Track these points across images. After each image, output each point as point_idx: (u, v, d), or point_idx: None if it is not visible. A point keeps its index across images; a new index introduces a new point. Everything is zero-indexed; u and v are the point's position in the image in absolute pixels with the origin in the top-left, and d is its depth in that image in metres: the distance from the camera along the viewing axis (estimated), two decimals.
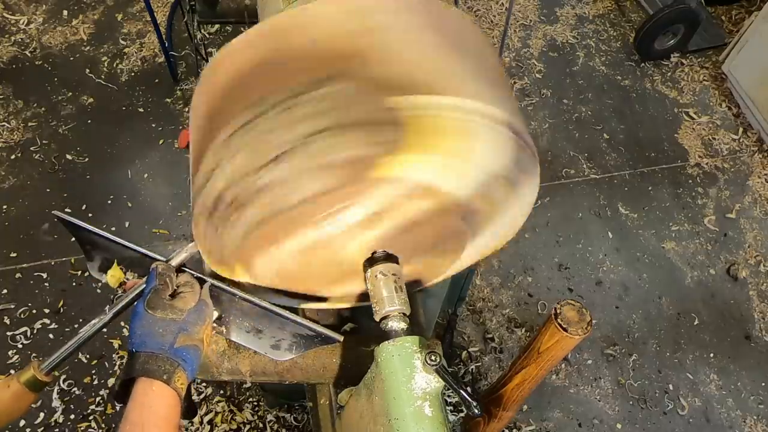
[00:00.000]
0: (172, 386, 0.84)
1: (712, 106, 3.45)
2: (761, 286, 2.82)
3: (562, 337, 1.16)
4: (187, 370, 0.88)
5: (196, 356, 0.90)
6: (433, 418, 0.88)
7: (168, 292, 0.92)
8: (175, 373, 0.85)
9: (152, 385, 0.83)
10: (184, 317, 0.89)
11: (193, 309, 0.91)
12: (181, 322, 0.89)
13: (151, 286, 0.92)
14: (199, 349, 0.91)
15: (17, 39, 3.40)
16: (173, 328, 0.88)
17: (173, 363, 0.86)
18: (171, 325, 0.88)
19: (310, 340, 1.05)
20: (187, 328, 0.89)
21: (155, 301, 0.89)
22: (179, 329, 0.88)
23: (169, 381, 0.84)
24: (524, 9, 3.79)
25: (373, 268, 0.99)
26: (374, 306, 0.99)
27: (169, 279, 0.93)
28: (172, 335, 0.87)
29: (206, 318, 0.94)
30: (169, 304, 0.90)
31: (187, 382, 0.88)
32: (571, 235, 2.90)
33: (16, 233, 2.70)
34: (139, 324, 0.88)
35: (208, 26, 3.44)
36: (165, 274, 0.94)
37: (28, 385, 0.95)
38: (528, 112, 3.32)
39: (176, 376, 0.85)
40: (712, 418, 2.48)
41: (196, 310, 0.92)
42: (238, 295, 1.00)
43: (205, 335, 0.93)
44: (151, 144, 3.03)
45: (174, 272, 0.96)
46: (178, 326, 0.88)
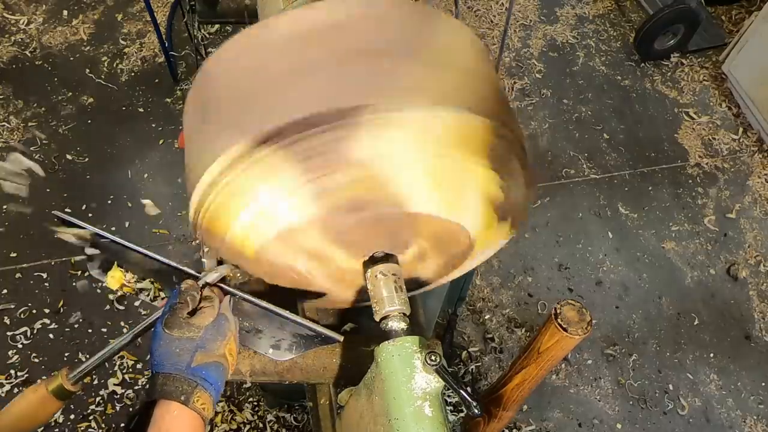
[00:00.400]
0: (191, 407, 0.82)
1: (712, 106, 3.45)
2: (761, 286, 2.82)
3: (562, 337, 1.16)
4: (209, 389, 0.85)
5: (218, 373, 0.88)
6: (433, 418, 0.88)
7: (187, 310, 0.90)
8: (193, 393, 0.83)
9: (170, 407, 0.82)
10: (201, 334, 0.87)
11: (211, 325, 0.89)
12: (198, 339, 0.87)
13: (171, 304, 0.90)
14: (222, 365, 0.89)
15: (17, 39, 3.40)
16: (190, 346, 0.86)
17: (191, 383, 0.84)
18: (187, 344, 0.86)
19: (310, 340, 1.05)
20: (204, 345, 0.87)
21: (172, 320, 0.87)
22: (196, 347, 0.86)
23: (187, 402, 0.82)
24: (524, 9, 3.79)
25: (373, 268, 1.00)
26: (374, 306, 0.99)
27: (191, 297, 0.91)
28: (189, 354, 0.85)
29: (227, 333, 0.91)
30: (186, 322, 0.87)
31: (211, 401, 0.86)
32: (571, 235, 2.90)
33: (16, 233, 2.70)
34: (156, 344, 0.87)
35: (208, 26, 3.44)
36: (187, 293, 0.91)
37: (55, 393, 0.96)
38: (528, 112, 3.32)
39: (195, 397, 0.83)
40: (712, 418, 2.48)
41: (214, 325, 0.89)
42: (238, 295, 1.00)
43: (227, 350, 0.90)
44: (151, 144, 3.03)
45: (198, 290, 0.93)
46: (195, 344, 0.86)
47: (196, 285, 0.94)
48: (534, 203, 2.99)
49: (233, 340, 0.93)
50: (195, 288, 0.93)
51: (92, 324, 2.48)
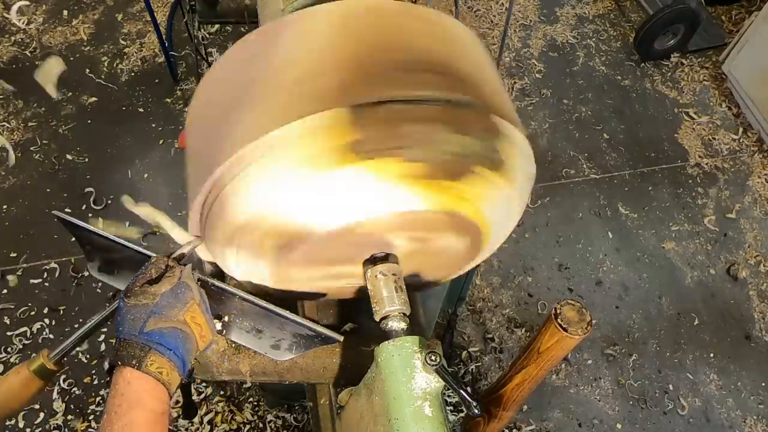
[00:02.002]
0: (144, 370, 0.83)
1: (712, 106, 3.45)
2: (761, 286, 2.82)
3: (562, 337, 1.16)
4: (166, 353, 0.86)
5: (177, 338, 0.88)
6: (433, 418, 0.88)
7: (146, 279, 0.91)
8: (146, 357, 0.83)
9: (124, 371, 0.83)
10: (156, 301, 0.88)
11: (169, 292, 0.89)
12: (153, 306, 0.87)
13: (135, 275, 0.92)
14: (182, 331, 0.89)
15: (17, 39, 3.40)
16: (144, 312, 0.87)
17: (144, 348, 0.84)
18: (141, 310, 0.87)
19: (310, 340, 1.05)
20: (160, 311, 0.87)
21: (131, 290, 0.89)
22: (150, 313, 0.87)
23: (139, 366, 0.83)
24: (524, 9, 3.79)
25: (373, 268, 1.00)
26: (374, 306, 0.99)
27: (155, 269, 0.92)
28: (142, 320, 0.86)
29: (187, 300, 0.91)
30: (143, 290, 0.88)
31: (171, 365, 0.86)
32: (571, 235, 2.90)
33: (16, 233, 2.70)
34: (117, 314, 0.88)
35: (208, 26, 3.44)
36: (152, 264, 0.93)
37: (37, 373, 0.97)
38: (528, 112, 3.32)
39: (149, 361, 0.83)
40: (712, 418, 2.48)
41: (171, 292, 0.90)
42: (238, 295, 1.00)
43: (188, 317, 0.91)
44: (151, 144, 3.03)
45: (167, 263, 0.94)
46: (149, 311, 0.87)
47: (164, 258, 0.95)
48: (534, 203, 2.99)
49: (196, 307, 0.93)
50: (162, 260, 0.94)
51: None
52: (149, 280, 0.90)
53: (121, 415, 0.79)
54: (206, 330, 0.95)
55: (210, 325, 0.96)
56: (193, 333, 0.92)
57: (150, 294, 0.88)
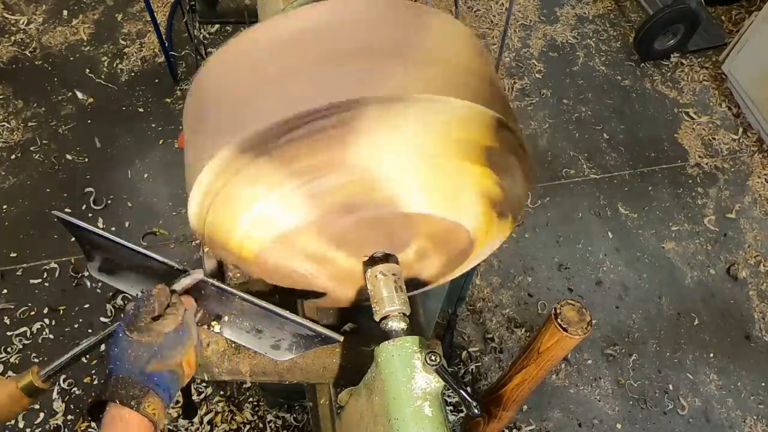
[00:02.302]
0: (141, 412, 0.82)
1: (712, 106, 3.45)
2: (761, 286, 2.82)
3: (562, 337, 1.16)
4: (161, 394, 0.85)
5: (172, 381, 0.88)
6: (433, 418, 0.88)
7: (152, 315, 0.89)
8: (145, 398, 0.82)
9: (121, 411, 0.82)
10: (160, 341, 0.87)
11: (172, 333, 0.88)
12: (156, 346, 0.86)
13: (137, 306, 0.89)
14: (176, 374, 0.89)
15: (17, 39, 3.40)
16: (146, 351, 0.85)
17: (143, 388, 0.83)
18: (145, 349, 0.85)
19: (310, 340, 1.05)
20: (162, 352, 0.86)
21: (134, 324, 0.87)
22: (153, 354, 0.86)
23: (138, 407, 0.82)
24: (524, 9, 3.79)
25: (373, 268, 1.00)
26: (374, 306, 0.99)
27: (158, 303, 0.90)
28: (145, 359, 0.85)
29: (186, 342, 0.90)
30: (146, 327, 0.87)
31: (162, 407, 0.86)
32: (571, 235, 2.90)
33: (16, 233, 2.70)
34: (114, 345, 0.86)
35: (208, 26, 3.44)
36: (156, 298, 0.90)
37: (25, 390, 0.95)
38: (528, 112, 3.32)
39: (146, 402, 0.82)
40: (712, 418, 2.48)
41: (174, 333, 0.88)
42: (238, 295, 1.00)
43: (184, 360, 0.90)
44: (151, 144, 3.03)
45: (168, 296, 0.92)
46: (152, 350, 0.86)
47: (167, 291, 0.92)
48: (534, 203, 2.99)
49: (192, 350, 0.92)
50: (164, 294, 0.91)
51: (92, 324, 2.48)
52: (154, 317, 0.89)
53: None
54: (193, 369, 0.94)
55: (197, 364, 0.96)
56: (183, 373, 0.91)
57: (155, 333, 0.87)
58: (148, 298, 0.90)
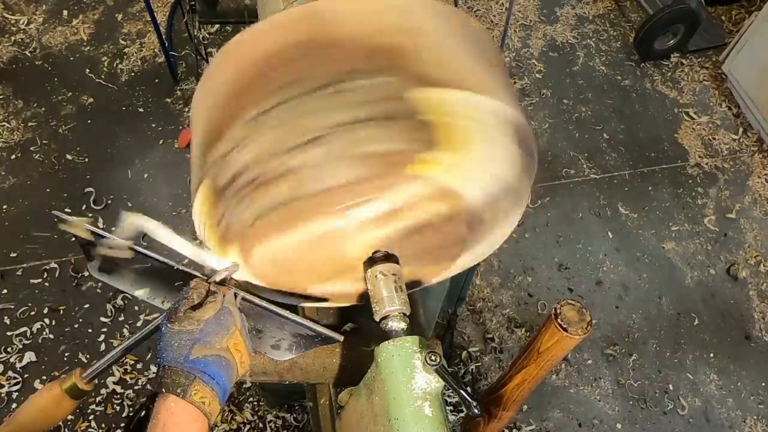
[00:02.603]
0: (188, 400, 0.82)
1: (712, 106, 3.45)
2: (761, 286, 2.82)
3: (562, 337, 1.16)
4: (209, 383, 0.84)
5: (220, 366, 0.87)
6: (433, 418, 0.88)
7: (191, 305, 0.90)
8: (191, 386, 0.82)
9: (167, 400, 0.82)
10: (201, 327, 0.87)
11: (213, 318, 0.88)
12: (198, 332, 0.86)
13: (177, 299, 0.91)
14: (224, 358, 0.88)
15: (17, 39, 3.40)
16: (189, 339, 0.86)
17: (189, 376, 0.83)
18: (187, 337, 0.86)
19: (310, 340, 1.05)
20: (205, 338, 0.86)
21: (174, 315, 0.88)
22: (195, 340, 0.86)
23: (184, 394, 0.82)
24: (524, 9, 3.79)
25: (373, 268, 1.00)
26: (374, 306, 0.99)
27: (197, 294, 0.91)
28: (187, 347, 0.85)
29: (230, 326, 0.90)
30: (186, 316, 0.87)
31: (214, 395, 0.85)
32: (571, 235, 2.90)
33: (16, 233, 2.70)
34: (159, 339, 0.87)
35: (208, 26, 3.44)
36: (194, 289, 0.91)
37: (69, 392, 0.96)
38: (528, 112, 3.32)
39: (193, 390, 0.82)
40: (712, 418, 2.48)
41: (215, 318, 0.89)
42: (239, 295, 1.00)
43: (230, 344, 0.90)
44: (151, 144, 3.03)
45: (206, 287, 0.93)
46: (193, 337, 0.86)
47: (204, 282, 0.93)
48: (534, 203, 2.99)
49: (238, 334, 0.92)
50: (202, 285, 0.93)
51: (92, 324, 2.48)
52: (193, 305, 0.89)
53: None
54: (245, 356, 0.94)
55: (248, 350, 0.95)
56: (234, 360, 0.91)
57: (195, 320, 0.87)
58: (187, 292, 0.91)
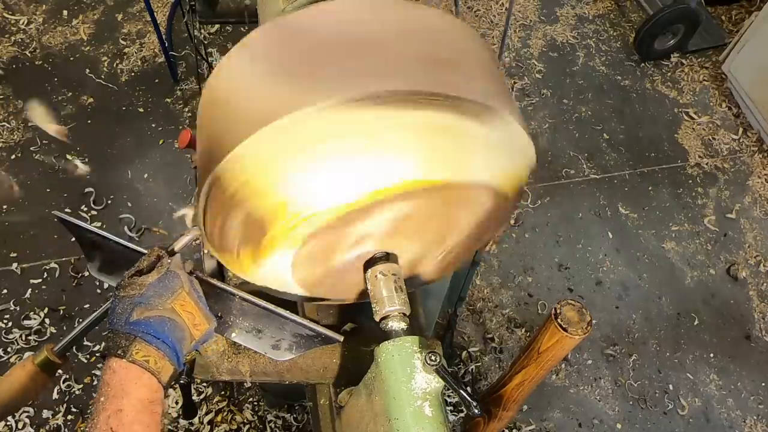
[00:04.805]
0: (129, 359, 0.83)
1: (712, 106, 3.45)
2: (761, 286, 2.82)
3: (562, 337, 1.16)
4: (154, 342, 0.86)
5: (164, 326, 0.88)
6: (433, 418, 0.88)
7: (136, 270, 0.91)
8: (131, 346, 0.83)
9: (110, 362, 0.83)
10: (143, 291, 0.88)
11: (156, 282, 0.89)
12: (139, 296, 0.88)
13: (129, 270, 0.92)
14: (170, 319, 0.89)
15: (17, 39, 3.40)
16: (130, 303, 0.87)
17: (129, 337, 0.84)
18: (128, 302, 0.87)
19: (311, 340, 1.05)
20: (147, 301, 0.88)
21: (121, 282, 0.90)
22: (136, 303, 0.87)
23: (124, 355, 0.83)
24: (524, 9, 3.79)
25: (373, 268, 1.00)
26: (374, 306, 0.99)
27: (147, 261, 0.92)
28: (128, 311, 0.87)
29: (176, 288, 0.91)
30: (130, 282, 0.89)
31: (160, 354, 0.86)
32: (571, 235, 2.90)
33: (16, 233, 2.70)
34: (110, 307, 0.89)
35: (208, 26, 3.43)
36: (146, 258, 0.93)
37: (42, 367, 0.99)
38: (528, 112, 3.32)
39: (133, 350, 0.83)
40: (712, 418, 2.48)
41: (159, 282, 0.90)
42: (238, 295, 1.00)
43: (177, 305, 0.90)
44: (151, 144, 3.03)
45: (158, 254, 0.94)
46: (135, 301, 0.87)
47: (157, 251, 0.94)
48: (534, 203, 2.98)
49: (186, 295, 0.92)
50: (155, 253, 0.94)
51: None
52: (139, 271, 0.91)
53: (107, 404, 0.80)
54: (199, 318, 0.94)
55: (204, 313, 0.95)
56: (184, 321, 0.91)
57: (137, 285, 0.88)
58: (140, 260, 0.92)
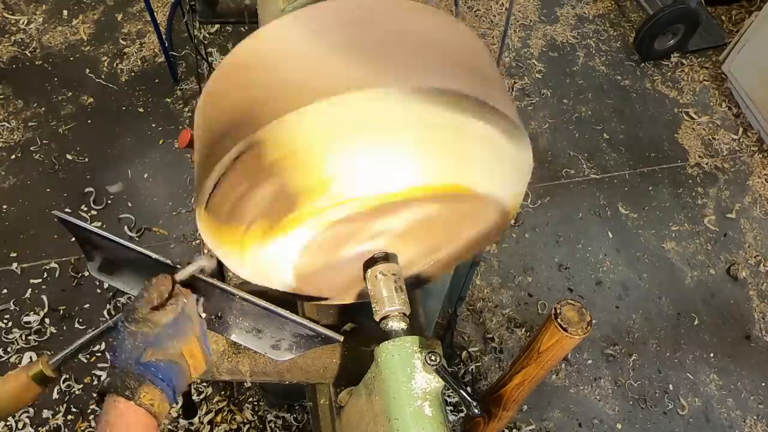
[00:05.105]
0: (136, 402, 0.81)
1: (712, 106, 3.45)
2: (761, 286, 2.82)
3: (562, 337, 1.16)
4: (160, 385, 0.84)
5: (172, 371, 0.87)
6: (433, 418, 0.88)
7: (151, 305, 0.88)
8: (140, 388, 0.82)
9: (116, 401, 0.81)
10: (157, 331, 0.86)
11: (171, 323, 0.87)
12: (153, 336, 0.86)
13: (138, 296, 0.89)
14: (177, 364, 0.88)
15: (17, 39, 3.40)
16: (143, 342, 0.85)
17: (139, 378, 0.83)
18: (141, 339, 0.85)
19: (310, 340, 1.05)
20: (160, 343, 0.86)
21: (133, 314, 0.86)
22: (149, 344, 0.85)
23: (132, 397, 0.81)
24: (524, 9, 3.79)
25: (373, 268, 1.00)
26: (374, 306, 0.99)
27: (158, 293, 0.89)
28: (141, 350, 0.85)
29: (187, 333, 0.90)
30: (144, 317, 0.86)
31: (164, 398, 0.84)
32: (571, 235, 2.90)
33: (16, 233, 2.70)
34: (114, 337, 0.87)
35: (208, 26, 3.43)
36: (155, 287, 0.90)
37: (35, 379, 0.96)
38: (528, 112, 3.32)
39: (142, 392, 0.82)
40: (712, 418, 2.48)
41: (173, 324, 0.87)
42: (238, 295, 1.00)
43: (186, 351, 0.89)
44: (151, 144, 3.03)
45: (170, 286, 0.91)
46: (148, 340, 0.85)
47: (168, 280, 0.92)
48: (534, 203, 2.98)
49: (195, 341, 0.91)
50: (165, 283, 0.91)
51: (92, 324, 2.48)
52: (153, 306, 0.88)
53: None
54: (200, 361, 0.93)
55: (205, 356, 0.94)
56: (187, 365, 0.91)
57: (152, 323, 0.86)
58: (148, 288, 0.90)
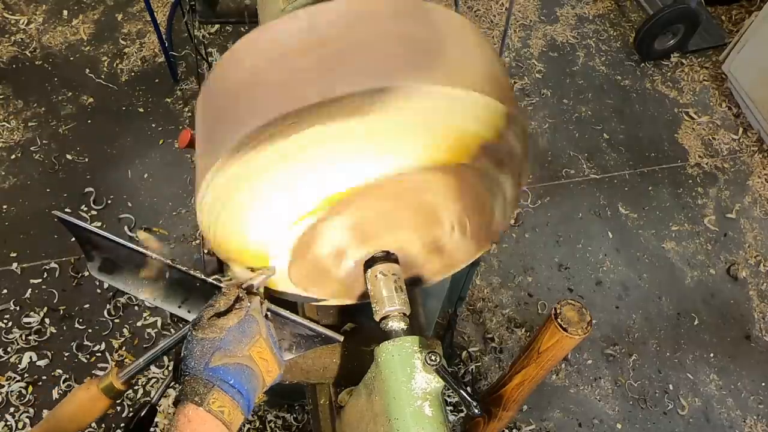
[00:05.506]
0: (205, 408, 0.80)
1: (712, 106, 3.45)
2: (761, 286, 2.82)
3: (562, 337, 1.16)
4: (230, 391, 0.83)
5: (242, 375, 0.85)
6: (433, 418, 0.88)
7: (215, 311, 0.88)
8: (209, 394, 0.81)
9: (186, 409, 0.81)
10: (223, 336, 0.86)
11: (235, 326, 0.87)
12: (219, 341, 0.85)
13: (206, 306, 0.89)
14: (247, 367, 0.86)
15: (17, 39, 3.40)
16: (210, 347, 0.85)
17: (207, 384, 0.82)
18: (208, 345, 0.85)
19: (310, 340, 1.05)
20: (226, 346, 0.85)
21: (199, 322, 0.87)
22: (216, 348, 0.85)
23: (201, 403, 0.80)
24: (524, 9, 3.79)
25: (373, 268, 1.00)
26: (374, 306, 0.99)
27: (224, 300, 0.90)
28: (208, 355, 0.84)
29: (254, 335, 0.88)
30: (210, 323, 0.86)
31: (234, 404, 0.83)
32: (571, 235, 2.90)
33: (16, 233, 2.70)
34: (184, 346, 0.87)
35: (208, 26, 3.43)
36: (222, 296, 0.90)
37: (105, 391, 0.97)
38: (528, 112, 3.32)
39: (211, 398, 0.81)
40: (712, 418, 2.48)
41: (238, 327, 0.87)
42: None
43: (254, 352, 0.88)
44: (151, 144, 3.03)
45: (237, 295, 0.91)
46: (215, 345, 0.85)
47: (235, 289, 0.92)
48: (534, 203, 2.98)
49: (263, 342, 0.90)
50: (232, 292, 0.91)
51: (92, 324, 2.48)
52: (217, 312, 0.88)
53: None
54: (273, 364, 0.92)
55: (277, 359, 0.93)
56: (259, 369, 0.89)
57: (217, 328, 0.86)
58: (216, 297, 0.90)
